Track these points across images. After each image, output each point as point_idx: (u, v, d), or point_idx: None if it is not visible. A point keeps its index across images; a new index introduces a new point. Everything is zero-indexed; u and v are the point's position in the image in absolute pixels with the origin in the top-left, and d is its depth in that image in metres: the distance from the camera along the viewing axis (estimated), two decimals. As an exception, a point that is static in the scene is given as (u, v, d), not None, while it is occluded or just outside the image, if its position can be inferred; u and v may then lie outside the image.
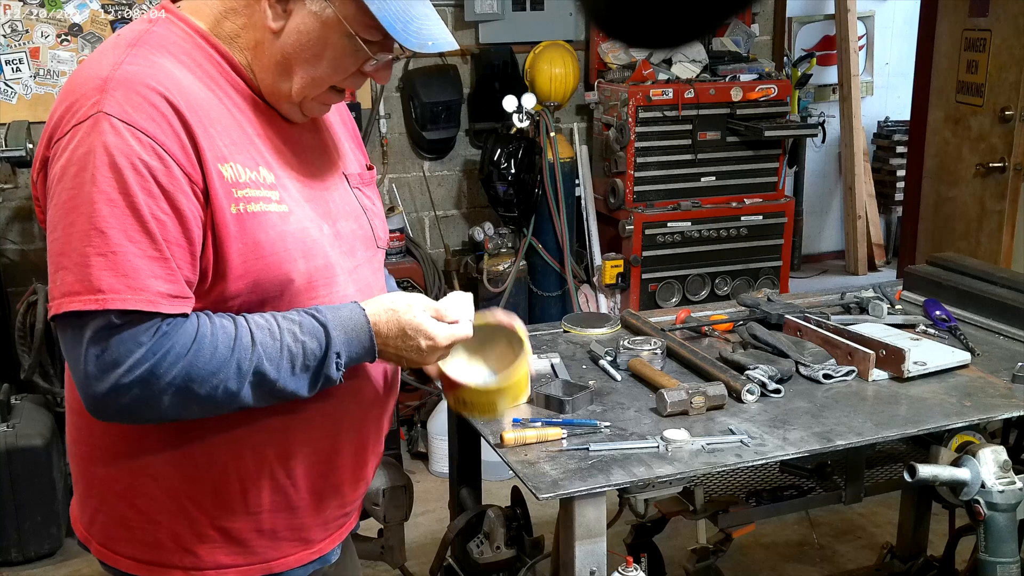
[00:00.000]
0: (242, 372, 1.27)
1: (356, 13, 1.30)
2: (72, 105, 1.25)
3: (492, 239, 4.31)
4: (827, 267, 6.53)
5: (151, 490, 1.37)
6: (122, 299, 1.20)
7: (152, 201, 1.21)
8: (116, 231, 1.20)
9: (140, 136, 1.21)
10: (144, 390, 1.23)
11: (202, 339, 1.25)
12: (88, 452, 1.41)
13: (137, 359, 1.21)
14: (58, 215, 1.23)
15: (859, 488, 2.47)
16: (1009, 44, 3.98)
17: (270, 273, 1.30)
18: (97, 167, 1.20)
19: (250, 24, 1.33)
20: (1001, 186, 4.09)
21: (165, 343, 1.22)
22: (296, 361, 1.30)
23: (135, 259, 1.20)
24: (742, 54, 4.63)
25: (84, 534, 1.47)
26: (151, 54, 1.28)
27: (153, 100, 1.23)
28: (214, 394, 1.26)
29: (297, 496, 1.42)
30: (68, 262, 1.21)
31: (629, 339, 2.24)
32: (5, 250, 3.88)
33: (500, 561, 2.30)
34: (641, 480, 1.72)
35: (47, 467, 3.28)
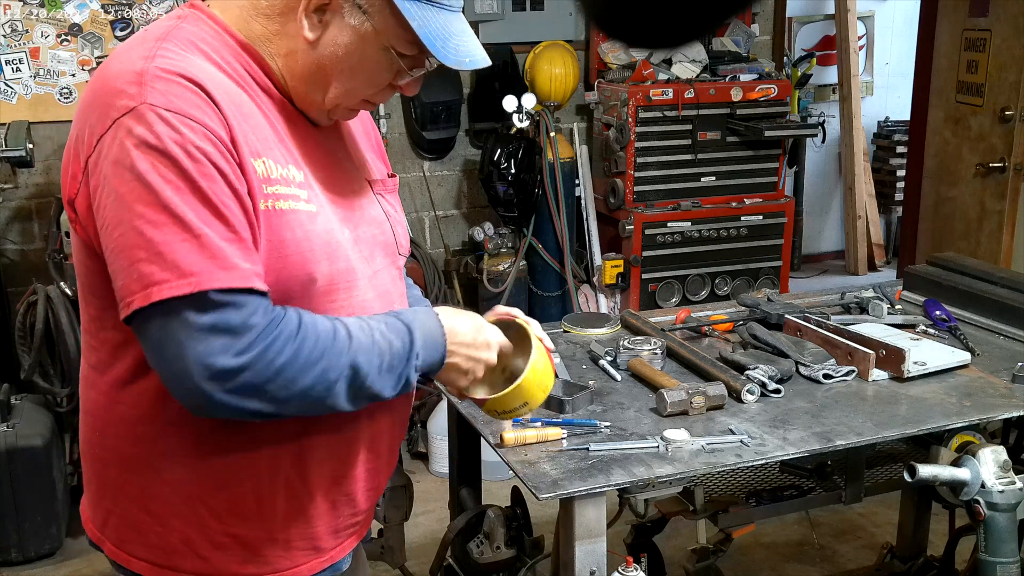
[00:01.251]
0: (341, 363, 1.26)
1: (395, 28, 1.29)
2: (109, 100, 1.21)
3: (492, 239, 4.31)
4: (827, 267, 6.53)
5: (165, 495, 1.35)
6: (216, 278, 1.16)
7: (215, 185, 1.19)
8: (192, 216, 1.17)
9: (189, 123, 1.19)
10: (253, 375, 1.19)
11: (306, 327, 1.24)
12: (102, 455, 1.39)
13: (249, 341, 1.18)
14: (122, 210, 1.18)
15: (859, 488, 2.47)
16: (1009, 44, 3.98)
17: (293, 271, 1.28)
18: (155, 157, 1.17)
19: (283, 32, 1.31)
20: (1001, 186, 4.09)
21: (275, 327, 1.21)
22: (384, 357, 1.30)
23: (218, 240, 1.18)
24: (742, 54, 4.63)
25: (97, 534, 1.44)
26: (181, 49, 1.26)
27: (193, 89, 1.21)
28: (315, 385, 1.24)
29: (311, 504, 1.40)
30: (144, 254, 1.16)
31: (629, 339, 2.24)
32: (5, 250, 3.88)
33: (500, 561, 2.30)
34: (641, 480, 1.72)
35: (47, 467, 3.28)
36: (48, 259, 3.50)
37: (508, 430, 1.84)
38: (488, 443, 1.88)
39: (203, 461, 1.33)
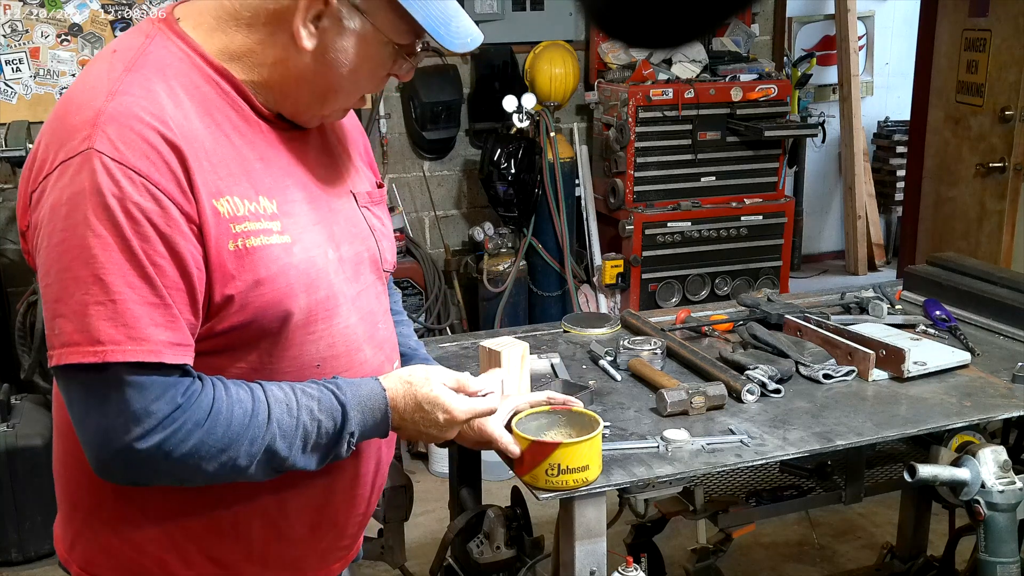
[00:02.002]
0: (254, 449, 1.23)
1: (395, 21, 1.26)
2: (62, 137, 1.17)
3: (492, 239, 4.31)
4: (827, 267, 6.53)
5: (139, 520, 1.32)
6: (123, 350, 1.13)
7: (148, 246, 1.14)
8: (114, 277, 1.13)
9: (132, 176, 1.13)
10: (152, 461, 1.17)
11: (217, 413, 1.20)
12: (74, 476, 1.35)
13: (149, 428, 1.16)
14: (51, 259, 1.15)
15: (859, 488, 2.47)
16: (1009, 44, 3.98)
17: (270, 309, 1.25)
18: (89, 209, 1.12)
19: (270, 41, 1.25)
20: (1001, 186, 4.09)
21: (179, 415, 1.17)
22: (309, 440, 1.27)
23: (135, 306, 1.14)
24: (742, 54, 4.63)
25: (64, 556, 1.40)
26: (146, 81, 1.20)
27: (147, 136, 1.15)
28: (221, 470, 1.22)
29: (289, 529, 1.38)
30: (66, 309, 1.14)
31: (629, 339, 2.24)
32: (5, 250, 3.88)
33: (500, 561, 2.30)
34: (641, 480, 1.71)
35: (47, 467, 3.24)
36: (48, 259, 3.49)
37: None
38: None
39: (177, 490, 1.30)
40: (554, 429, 1.70)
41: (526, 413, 1.69)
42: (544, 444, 1.60)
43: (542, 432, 1.68)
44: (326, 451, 1.29)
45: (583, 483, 1.62)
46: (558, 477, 1.60)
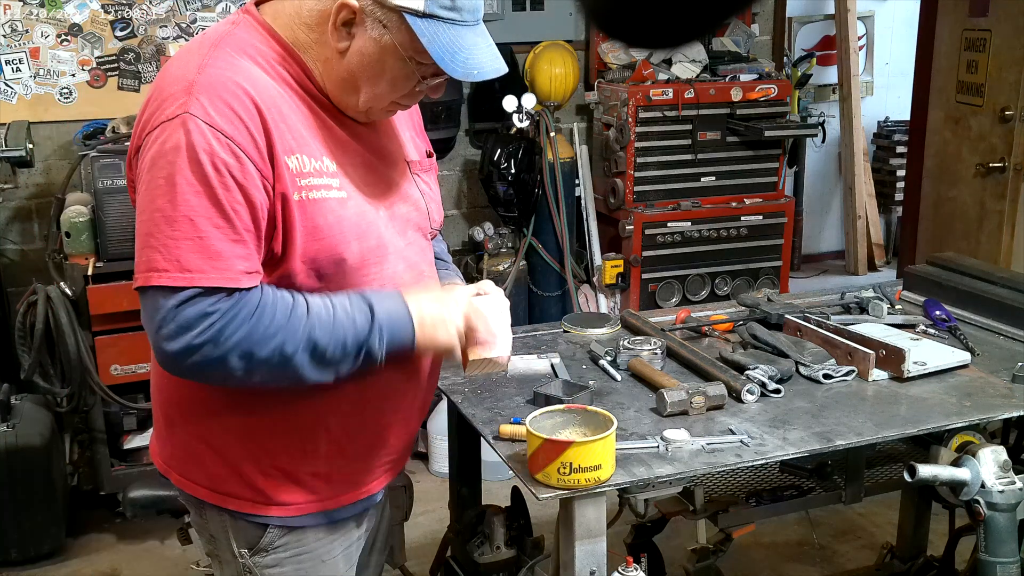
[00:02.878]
0: (297, 337, 1.43)
1: (411, 41, 1.45)
2: (162, 102, 1.41)
3: (492, 239, 4.31)
4: (827, 267, 6.53)
5: (222, 436, 1.57)
6: (207, 277, 1.37)
7: (229, 194, 1.38)
8: (202, 219, 1.37)
9: (219, 136, 1.37)
10: (212, 349, 1.39)
11: (264, 306, 1.42)
12: (169, 399, 1.61)
13: (210, 323, 1.38)
14: (147, 199, 1.40)
15: (859, 488, 2.47)
16: (1009, 44, 3.98)
17: (326, 253, 1.47)
18: (184, 161, 1.37)
19: (321, 40, 1.48)
20: (1001, 186, 4.09)
21: (232, 309, 1.39)
22: (347, 333, 1.46)
23: (219, 243, 1.38)
24: (742, 54, 4.63)
25: (164, 466, 1.67)
26: (231, 56, 1.44)
27: (232, 103, 1.39)
28: (272, 357, 1.42)
29: (350, 446, 1.61)
30: (157, 243, 1.38)
31: (629, 339, 2.24)
32: (5, 250, 3.88)
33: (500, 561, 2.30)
34: (641, 480, 1.72)
35: (47, 467, 3.28)
36: (48, 259, 3.49)
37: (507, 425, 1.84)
38: (488, 443, 1.88)
39: (251, 412, 1.55)
40: (568, 428, 1.72)
41: (541, 412, 1.71)
42: (557, 443, 1.61)
43: (556, 431, 1.70)
44: (360, 345, 1.48)
45: (595, 482, 1.63)
46: (570, 476, 1.61)
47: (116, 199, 3.29)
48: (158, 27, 3.92)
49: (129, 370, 3.38)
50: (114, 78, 3.90)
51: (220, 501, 1.60)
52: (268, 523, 1.60)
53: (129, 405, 3.39)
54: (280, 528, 1.61)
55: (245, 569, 1.63)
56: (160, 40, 3.93)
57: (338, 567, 1.68)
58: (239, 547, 1.62)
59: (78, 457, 3.61)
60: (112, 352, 3.37)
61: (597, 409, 1.73)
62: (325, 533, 1.65)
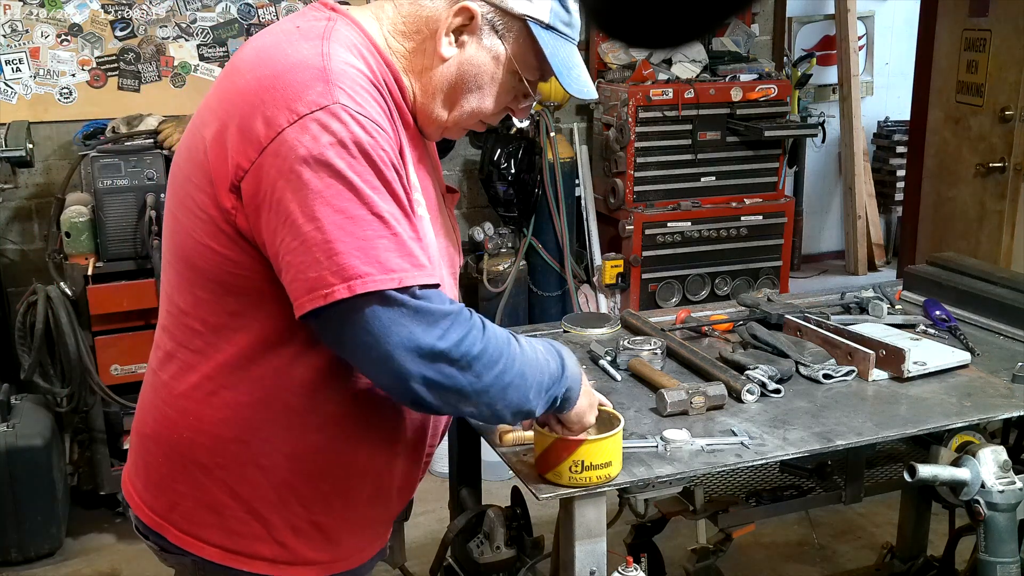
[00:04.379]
0: (513, 367, 1.34)
1: (526, 53, 1.39)
2: (290, 94, 1.24)
3: (492, 239, 4.31)
4: (827, 267, 6.53)
5: (257, 479, 1.39)
6: (413, 275, 1.24)
7: (399, 189, 1.27)
8: (388, 215, 1.24)
9: (377, 128, 1.26)
10: (453, 357, 1.27)
11: (489, 327, 1.32)
12: (193, 438, 1.39)
13: (448, 326, 1.26)
14: (312, 203, 1.22)
15: (859, 488, 2.47)
16: (1009, 44, 3.98)
17: None
18: (351, 157, 1.23)
19: (419, 49, 1.38)
20: (1001, 186, 4.09)
21: (467, 318, 1.29)
22: (544, 376, 1.40)
23: (409, 240, 1.26)
24: (742, 54, 4.63)
25: (157, 520, 1.44)
26: (347, 50, 1.30)
27: (373, 94, 1.28)
28: (495, 383, 1.32)
29: (388, 490, 1.50)
30: (345, 247, 1.21)
31: (629, 339, 2.24)
32: (5, 250, 3.88)
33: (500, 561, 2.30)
34: (641, 480, 1.71)
35: (47, 467, 3.28)
36: (48, 259, 3.49)
37: (508, 430, 1.84)
38: (488, 443, 1.88)
39: (305, 450, 1.39)
40: None
41: None
42: (568, 441, 1.61)
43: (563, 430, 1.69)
44: (549, 392, 1.42)
45: (606, 480, 1.64)
46: (582, 474, 1.61)
47: (116, 199, 3.29)
48: (158, 27, 3.92)
49: (129, 370, 3.38)
50: (114, 78, 3.90)
51: (232, 562, 1.41)
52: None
53: (129, 405, 3.39)
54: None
55: None
56: (160, 40, 3.93)
57: None
58: None
59: (78, 457, 3.60)
60: (112, 352, 3.37)
61: (604, 408, 1.72)
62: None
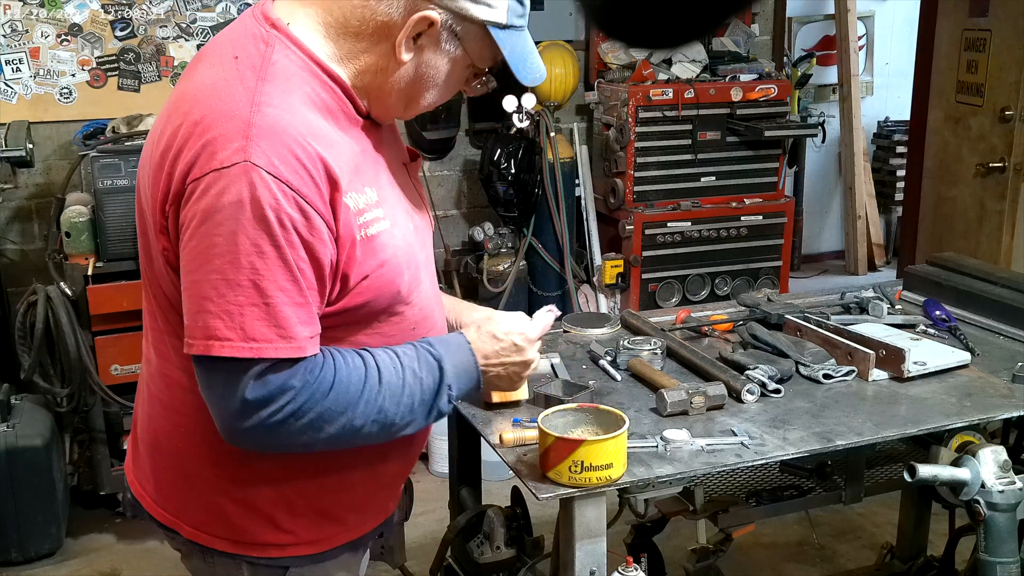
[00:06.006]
0: (369, 409, 1.38)
1: (481, 50, 1.43)
2: (211, 144, 1.26)
3: (492, 239, 4.31)
4: (827, 267, 6.53)
5: (255, 483, 1.46)
6: (275, 348, 1.28)
7: (295, 252, 1.27)
8: (268, 282, 1.26)
9: (286, 190, 1.25)
10: (284, 428, 1.32)
11: (339, 381, 1.35)
12: (189, 449, 1.47)
13: (285, 401, 1.30)
14: (201, 257, 1.26)
15: (859, 488, 2.47)
16: (1009, 44, 3.98)
17: (386, 288, 1.41)
18: (248, 219, 1.24)
19: (373, 50, 1.39)
20: (1001, 186, 4.09)
21: (309, 388, 1.32)
22: (415, 397, 1.43)
23: (285, 308, 1.28)
24: (742, 54, 4.63)
25: (171, 519, 1.53)
26: (283, 93, 1.31)
27: (296, 151, 1.27)
28: (341, 432, 1.37)
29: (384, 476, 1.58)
30: (215, 308, 1.26)
31: (629, 339, 2.24)
32: (5, 250, 3.88)
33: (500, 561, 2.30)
34: (641, 480, 1.71)
35: (47, 467, 3.28)
36: (48, 259, 3.49)
37: (508, 430, 1.84)
38: (488, 443, 1.88)
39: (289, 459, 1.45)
40: (580, 427, 1.72)
41: (553, 410, 1.72)
42: (569, 441, 1.61)
43: (568, 429, 1.70)
44: (429, 407, 1.45)
45: (607, 481, 1.63)
46: (582, 474, 1.61)
47: (116, 199, 3.29)
48: (158, 27, 3.92)
49: (129, 370, 3.38)
50: (114, 78, 3.90)
51: (243, 551, 1.50)
52: (290, 565, 1.52)
53: (129, 405, 3.38)
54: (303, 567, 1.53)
55: None
56: (160, 40, 3.93)
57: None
58: None
59: (78, 457, 3.60)
60: (112, 352, 3.37)
61: (610, 408, 1.73)
62: (348, 561, 1.60)
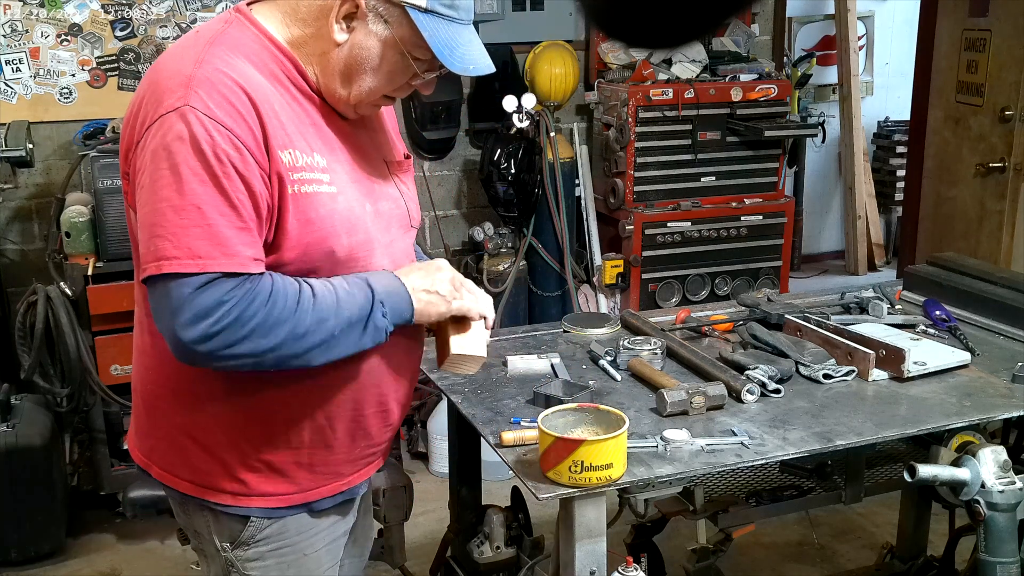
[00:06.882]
0: (307, 319, 1.46)
1: (410, 35, 1.51)
2: (159, 95, 1.43)
3: (492, 239, 4.30)
4: (827, 267, 6.53)
5: (209, 425, 1.58)
6: (218, 263, 1.40)
7: (232, 183, 1.41)
8: (209, 207, 1.39)
9: (220, 128, 1.40)
10: (228, 335, 1.41)
11: (276, 292, 1.44)
12: (154, 389, 1.62)
13: (227, 309, 1.40)
14: (151, 190, 1.41)
15: (859, 488, 2.47)
16: (1009, 44, 3.98)
17: (317, 246, 1.50)
18: (188, 151, 1.39)
19: (317, 35, 1.52)
20: (1001, 186, 4.09)
21: (248, 296, 1.42)
22: (352, 310, 1.50)
23: (226, 230, 1.40)
24: (742, 54, 4.63)
25: (144, 460, 1.68)
26: (226, 53, 1.47)
27: (229, 96, 1.42)
28: (285, 340, 1.45)
29: (333, 436, 1.63)
30: (164, 232, 1.39)
31: (629, 339, 2.24)
32: (5, 250, 3.88)
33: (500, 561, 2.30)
34: (641, 480, 1.72)
35: (47, 467, 3.28)
36: (48, 259, 3.49)
37: (508, 430, 1.84)
38: (488, 443, 1.88)
39: (240, 399, 1.56)
40: (580, 427, 1.72)
41: (553, 410, 1.72)
42: (569, 441, 1.61)
43: (568, 429, 1.70)
44: (365, 321, 1.52)
45: (606, 481, 1.64)
46: (581, 474, 1.61)
47: (116, 199, 3.29)
48: (158, 27, 3.92)
49: (129, 370, 3.36)
50: (114, 78, 3.90)
51: (202, 494, 1.61)
52: (250, 515, 1.62)
53: (129, 405, 3.38)
54: (262, 520, 1.62)
55: (228, 563, 1.65)
56: (160, 40, 3.92)
57: (321, 562, 1.70)
58: (221, 541, 1.64)
59: (78, 457, 3.60)
60: (112, 352, 3.37)
61: (610, 408, 1.73)
62: (307, 526, 1.67)
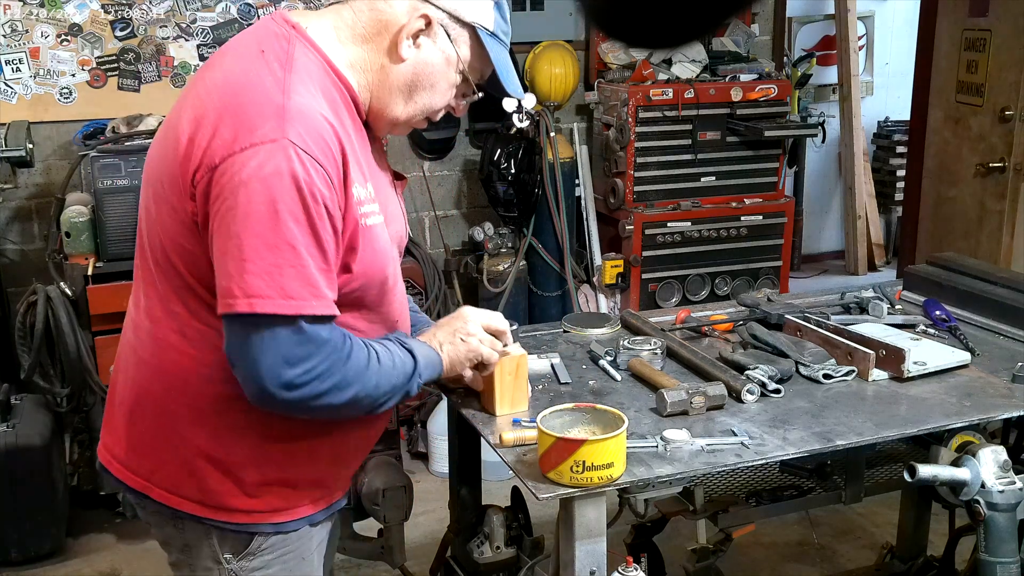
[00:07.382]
0: (371, 382, 1.53)
1: (475, 55, 1.58)
2: (246, 122, 1.40)
3: (492, 239, 4.31)
4: (827, 267, 6.53)
5: (231, 444, 1.56)
6: (310, 305, 1.41)
7: (322, 223, 1.42)
8: (302, 247, 1.39)
9: (316, 166, 1.40)
10: (318, 384, 1.44)
11: (352, 355, 1.49)
12: (178, 409, 1.57)
13: (317, 361, 1.43)
14: (242, 223, 1.38)
15: (859, 488, 2.47)
16: (1009, 44, 3.98)
17: (377, 276, 1.56)
18: (286, 189, 1.38)
19: (377, 49, 1.54)
20: (1001, 186, 4.09)
21: (333, 352, 1.45)
22: (398, 380, 1.58)
23: (315, 272, 1.41)
24: (742, 54, 4.63)
25: (142, 483, 1.62)
26: (305, 83, 1.46)
27: (323, 133, 1.42)
28: (355, 397, 1.51)
29: (346, 456, 1.70)
30: (255, 268, 1.38)
31: (629, 339, 2.24)
32: (5, 250, 3.88)
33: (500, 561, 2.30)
34: (641, 480, 1.71)
35: (47, 467, 3.28)
36: (48, 259, 3.49)
37: (508, 430, 1.84)
38: (488, 443, 1.88)
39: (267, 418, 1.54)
40: (578, 427, 1.73)
41: (550, 411, 1.72)
42: (569, 441, 1.61)
43: (567, 429, 1.70)
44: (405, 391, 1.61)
45: (608, 480, 1.64)
46: (583, 474, 1.61)
47: (116, 199, 3.29)
48: (158, 27, 3.92)
49: (129, 370, 3.37)
50: (114, 78, 3.90)
51: (212, 515, 1.59)
52: (258, 531, 1.61)
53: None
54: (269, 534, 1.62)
55: (230, 574, 1.63)
56: (160, 40, 3.93)
57: (314, 563, 1.73)
58: (223, 552, 1.62)
59: (78, 457, 3.60)
60: (112, 352, 3.31)
61: (607, 407, 1.73)
62: (307, 532, 1.68)
